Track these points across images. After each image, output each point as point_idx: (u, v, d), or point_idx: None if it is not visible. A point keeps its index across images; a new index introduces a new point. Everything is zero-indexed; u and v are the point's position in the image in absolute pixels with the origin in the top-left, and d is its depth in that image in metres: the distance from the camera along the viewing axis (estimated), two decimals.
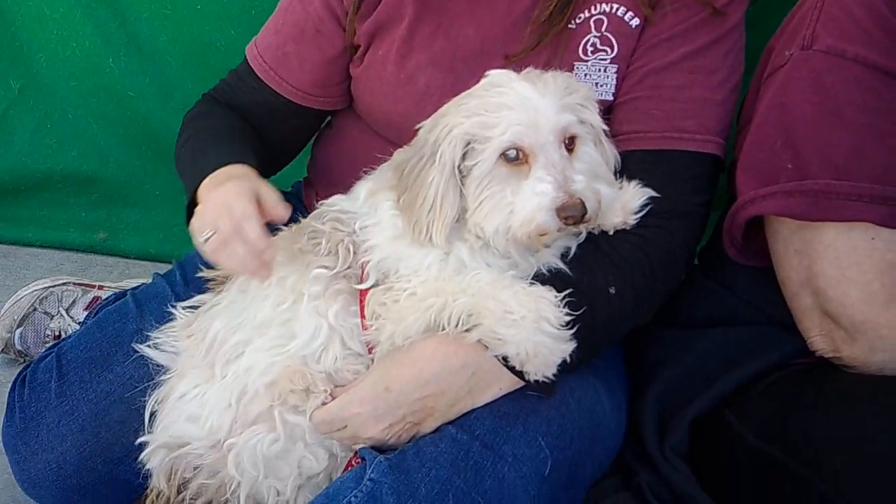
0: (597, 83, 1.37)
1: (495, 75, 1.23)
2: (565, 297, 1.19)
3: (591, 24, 1.37)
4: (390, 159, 1.32)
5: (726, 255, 1.42)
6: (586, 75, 1.37)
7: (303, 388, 1.22)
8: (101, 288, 1.97)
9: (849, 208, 1.21)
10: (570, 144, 1.21)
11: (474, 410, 1.22)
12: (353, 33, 1.49)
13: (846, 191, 1.21)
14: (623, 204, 1.28)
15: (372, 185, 1.32)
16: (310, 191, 1.73)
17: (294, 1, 1.53)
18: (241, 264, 1.22)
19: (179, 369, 1.32)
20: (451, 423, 1.21)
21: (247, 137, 1.52)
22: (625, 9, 1.36)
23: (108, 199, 2.47)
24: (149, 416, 1.32)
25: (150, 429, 1.31)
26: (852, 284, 1.24)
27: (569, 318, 1.17)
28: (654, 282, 1.29)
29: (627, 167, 1.32)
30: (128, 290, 1.58)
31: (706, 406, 1.39)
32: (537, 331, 1.14)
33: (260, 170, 1.36)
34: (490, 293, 1.17)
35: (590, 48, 1.37)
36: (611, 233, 1.29)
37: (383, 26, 1.46)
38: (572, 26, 1.37)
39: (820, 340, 1.30)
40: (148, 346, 1.37)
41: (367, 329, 1.24)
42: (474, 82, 1.25)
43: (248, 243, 1.20)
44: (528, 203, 1.16)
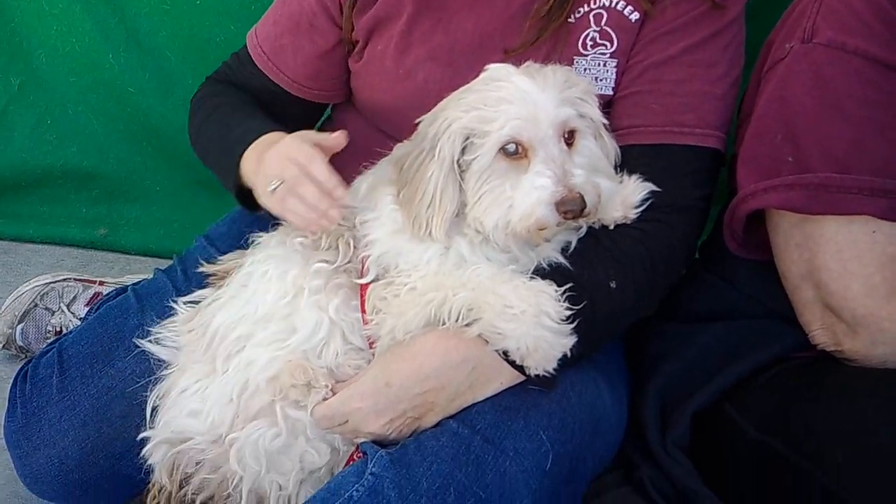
0: (596, 77, 1.37)
1: (494, 69, 1.23)
2: (566, 291, 1.19)
3: (591, 18, 1.37)
4: (390, 154, 1.32)
5: (727, 248, 1.42)
6: (586, 70, 1.37)
7: (304, 383, 1.22)
8: (102, 284, 1.97)
9: (850, 201, 1.21)
10: (569, 138, 1.21)
11: (475, 405, 1.22)
12: (351, 28, 1.49)
13: (847, 184, 1.21)
14: (623, 198, 1.28)
15: (372, 179, 1.32)
16: None
17: None
18: (311, 206, 1.21)
19: (181, 364, 1.32)
20: (452, 417, 1.22)
21: (266, 113, 1.51)
22: (624, 3, 1.35)
23: (109, 194, 2.47)
24: (150, 411, 1.32)
25: (152, 424, 1.31)
26: (854, 278, 1.24)
27: (569, 313, 1.17)
28: (654, 276, 1.29)
29: (627, 161, 1.32)
30: (129, 286, 1.58)
31: (707, 400, 1.39)
32: (538, 325, 1.15)
33: None
34: (490, 288, 1.17)
35: (589, 42, 1.37)
36: (611, 227, 1.28)
37: (382, 21, 1.46)
38: (572, 21, 1.37)
39: (821, 334, 1.30)
40: (149, 341, 1.37)
41: (368, 324, 1.24)
42: (473, 77, 1.24)
43: (317, 183, 1.20)
44: (528, 197, 1.16)
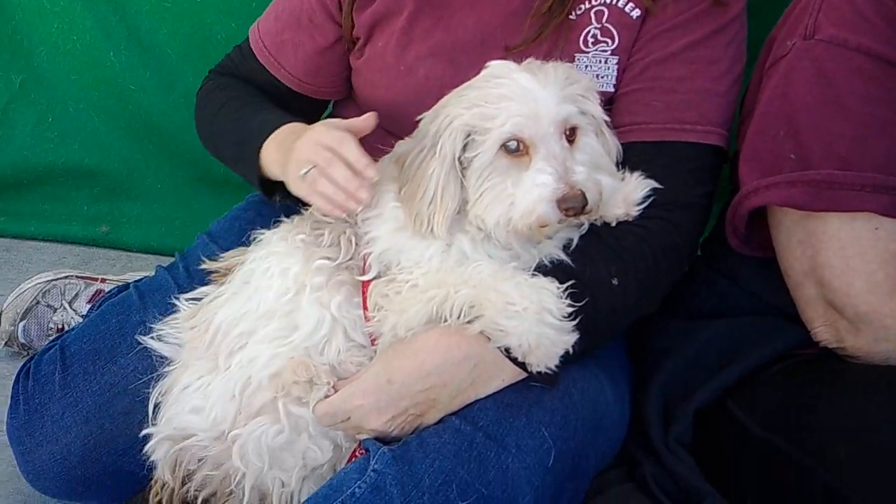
0: (598, 75, 1.36)
1: (495, 66, 1.23)
2: (567, 288, 1.19)
3: (592, 15, 1.36)
4: (391, 151, 1.32)
5: (729, 245, 1.42)
6: (587, 67, 1.37)
7: (306, 380, 1.22)
8: (103, 281, 1.97)
9: (852, 198, 1.21)
10: (570, 135, 1.21)
11: (478, 401, 1.22)
12: (352, 25, 1.48)
13: (849, 181, 1.21)
14: (625, 195, 1.28)
15: None
16: None
17: None
18: (342, 187, 1.21)
19: (183, 361, 1.32)
20: (454, 414, 1.22)
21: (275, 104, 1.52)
22: (625, 0, 1.35)
23: (110, 192, 2.47)
24: (153, 407, 1.32)
25: (155, 420, 1.31)
26: (856, 274, 1.24)
27: (571, 310, 1.17)
28: (656, 273, 1.29)
29: (629, 159, 1.31)
30: (131, 283, 1.58)
31: (710, 397, 1.39)
32: (539, 322, 1.14)
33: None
34: (492, 284, 1.17)
35: (590, 39, 1.37)
36: (613, 224, 1.28)
37: (382, 18, 1.46)
38: (573, 17, 1.37)
39: (824, 331, 1.30)
40: (151, 337, 1.36)
41: (370, 321, 1.24)
42: (474, 73, 1.24)
43: (348, 164, 1.21)
44: (529, 194, 1.16)
